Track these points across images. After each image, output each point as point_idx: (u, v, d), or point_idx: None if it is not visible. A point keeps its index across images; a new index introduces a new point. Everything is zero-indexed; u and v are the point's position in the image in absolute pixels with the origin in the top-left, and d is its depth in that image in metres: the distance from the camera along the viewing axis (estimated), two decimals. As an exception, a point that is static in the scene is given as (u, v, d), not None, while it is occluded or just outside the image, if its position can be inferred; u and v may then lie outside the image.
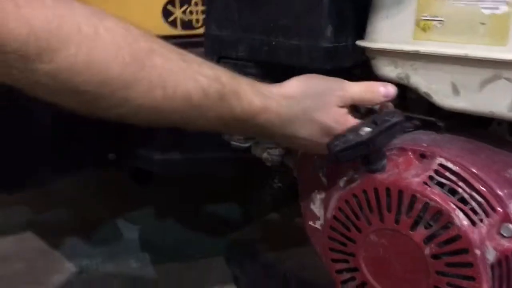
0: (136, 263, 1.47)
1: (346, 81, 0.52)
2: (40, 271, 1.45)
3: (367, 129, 0.46)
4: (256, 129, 0.50)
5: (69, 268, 1.49)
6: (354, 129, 0.47)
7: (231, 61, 0.61)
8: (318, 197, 0.63)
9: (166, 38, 1.50)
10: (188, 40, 1.39)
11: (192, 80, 0.45)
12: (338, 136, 0.47)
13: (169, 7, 1.36)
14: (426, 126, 0.56)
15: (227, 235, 1.44)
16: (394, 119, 0.46)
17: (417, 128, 0.56)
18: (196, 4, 1.38)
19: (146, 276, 1.43)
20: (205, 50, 0.63)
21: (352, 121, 0.50)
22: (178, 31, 1.42)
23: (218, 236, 1.44)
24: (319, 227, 0.63)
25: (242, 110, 0.48)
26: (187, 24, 1.41)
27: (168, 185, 1.51)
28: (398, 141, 0.52)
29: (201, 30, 1.38)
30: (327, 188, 0.61)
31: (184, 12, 1.39)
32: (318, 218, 0.63)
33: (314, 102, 0.50)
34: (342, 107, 0.51)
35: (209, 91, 0.46)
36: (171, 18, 1.38)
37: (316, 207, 0.63)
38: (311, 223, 0.64)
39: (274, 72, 0.60)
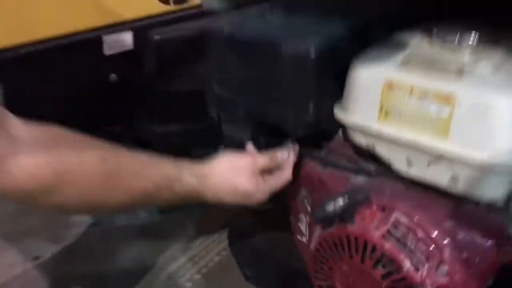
0: (145, 214, 1.64)
1: (256, 155, 0.73)
2: (58, 225, 1.59)
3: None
4: (193, 200, 0.70)
5: (85, 221, 1.65)
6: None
7: (231, 117, 0.74)
8: (304, 219, 0.78)
9: (159, 15, 1.58)
10: (181, 14, 1.45)
11: (150, 182, 0.65)
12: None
13: (160, -16, 1.41)
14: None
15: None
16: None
17: (383, 173, 0.70)
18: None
19: (154, 227, 1.60)
20: (208, 104, 0.75)
21: (261, 184, 0.71)
22: (171, 7, 1.48)
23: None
24: (304, 241, 0.79)
25: (184, 191, 0.68)
26: (179, -1, 1.47)
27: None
28: (370, 187, 0.67)
29: (194, 2, 1.45)
30: (311, 214, 0.76)
31: (176, -15, 1.43)
32: (304, 235, 0.79)
33: (234, 175, 0.71)
34: (254, 175, 0.71)
35: (161, 185, 0.66)
36: (163, -5, 1.43)
37: (303, 226, 0.79)
38: (299, 237, 0.80)
39: (269, 130, 0.72)
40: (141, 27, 1.41)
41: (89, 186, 0.59)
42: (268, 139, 0.72)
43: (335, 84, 0.66)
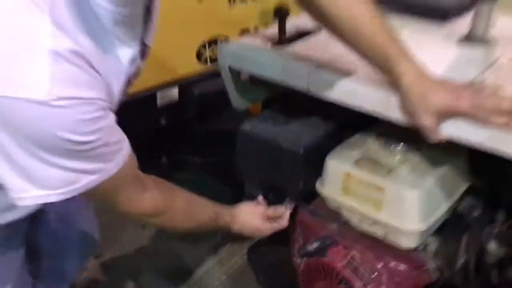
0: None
1: (265, 207, 1.15)
2: (114, 229, 1.89)
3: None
4: (225, 230, 1.13)
5: (135, 225, 1.99)
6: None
7: (250, 182, 1.12)
8: (298, 247, 1.17)
9: (199, 73, 2.07)
10: (214, 71, 1.84)
11: (207, 216, 1.07)
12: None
13: (202, 50, 1.82)
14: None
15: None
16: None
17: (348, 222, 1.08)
18: (220, 41, 1.81)
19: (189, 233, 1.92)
20: (237, 177, 1.14)
21: (268, 225, 1.14)
22: (207, 67, 1.89)
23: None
24: (298, 262, 1.17)
25: (223, 224, 1.12)
26: (213, 59, 1.88)
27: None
28: (338, 233, 1.05)
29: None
30: (302, 245, 1.15)
31: (212, 50, 1.84)
32: (298, 257, 1.17)
33: (251, 218, 1.14)
34: (263, 219, 1.14)
35: (211, 219, 1.07)
36: (203, 58, 1.84)
37: (297, 252, 1.17)
38: (295, 259, 1.18)
39: (275, 192, 1.11)
40: (185, 83, 1.82)
41: (177, 215, 0.99)
42: (274, 196, 1.11)
43: (317, 169, 1.04)
